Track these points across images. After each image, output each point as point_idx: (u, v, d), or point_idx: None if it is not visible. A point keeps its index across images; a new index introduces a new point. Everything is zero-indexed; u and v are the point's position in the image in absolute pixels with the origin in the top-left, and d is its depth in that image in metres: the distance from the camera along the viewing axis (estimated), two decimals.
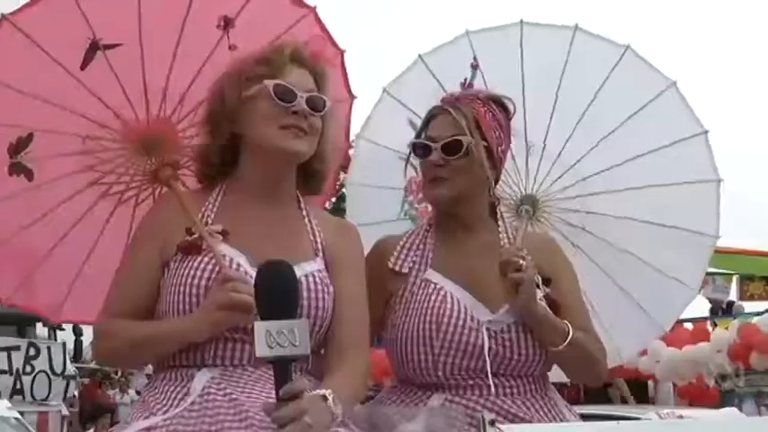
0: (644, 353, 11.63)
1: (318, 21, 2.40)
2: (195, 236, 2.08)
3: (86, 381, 18.23)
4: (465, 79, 2.59)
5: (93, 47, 2.26)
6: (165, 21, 2.27)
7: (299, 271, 1.98)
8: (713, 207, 2.78)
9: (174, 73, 2.31)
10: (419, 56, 2.76)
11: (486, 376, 2.23)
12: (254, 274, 1.98)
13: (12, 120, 2.29)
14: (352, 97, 2.54)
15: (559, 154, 2.65)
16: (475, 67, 2.67)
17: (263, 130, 2.11)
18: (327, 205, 2.80)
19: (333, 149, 2.25)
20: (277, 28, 2.27)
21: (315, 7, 2.39)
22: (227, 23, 2.30)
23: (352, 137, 2.69)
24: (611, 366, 2.65)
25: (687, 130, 2.75)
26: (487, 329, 2.25)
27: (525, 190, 2.64)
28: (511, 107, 2.45)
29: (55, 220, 2.38)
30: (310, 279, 2.05)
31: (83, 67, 2.27)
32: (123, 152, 2.39)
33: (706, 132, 2.76)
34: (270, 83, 2.10)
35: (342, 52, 2.47)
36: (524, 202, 2.61)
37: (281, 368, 1.74)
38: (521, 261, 2.22)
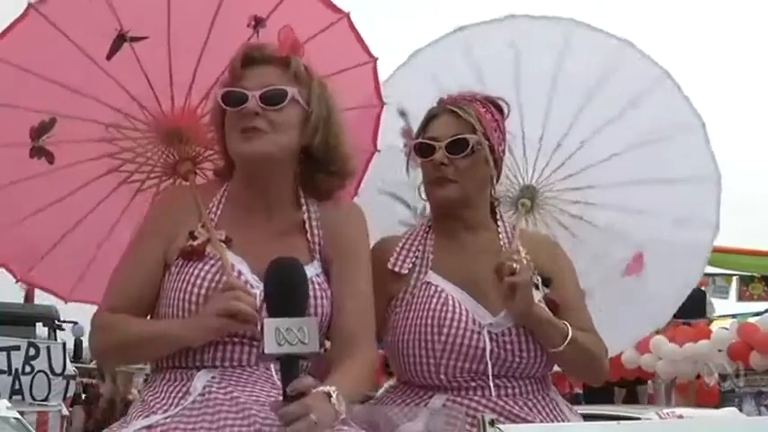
0: (646, 351, 11.68)
1: (352, 27, 2.38)
2: (199, 241, 2.07)
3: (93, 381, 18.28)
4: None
5: (120, 38, 2.27)
6: (194, 17, 2.28)
7: None
8: (713, 200, 2.77)
9: (201, 68, 2.32)
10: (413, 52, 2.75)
11: (488, 378, 2.23)
12: (254, 283, 1.99)
13: (35, 104, 2.32)
14: (382, 104, 2.50)
15: (558, 145, 2.65)
16: (403, 114, 2.64)
17: (228, 137, 2.12)
18: None
19: (344, 148, 2.17)
20: (307, 31, 2.24)
21: (348, 13, 2.37)
22: (257, 23, 2.30)
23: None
24: (620, 353, 2.64)
25: (684, 122, 2.74)
26: (489, 332, 2.25)
27: (524, 180, 2.64)
28: (505, 108, 2.45)
29: (73, 204, 2.41)
30: (309, 285, 2.03)
31: (108, 58, 2.29)
32: (145, 142, 2.41)
33: (703, 125, 2.76)
34: (218, 92, 2.12)
35: (374, 60, 2.44)
36: (523, 195, 2.61)
37: (289, 365, 1.74)
38: (514, 264, 2.21)
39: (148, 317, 2.12)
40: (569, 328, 2.27)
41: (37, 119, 2.33)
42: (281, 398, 1.75)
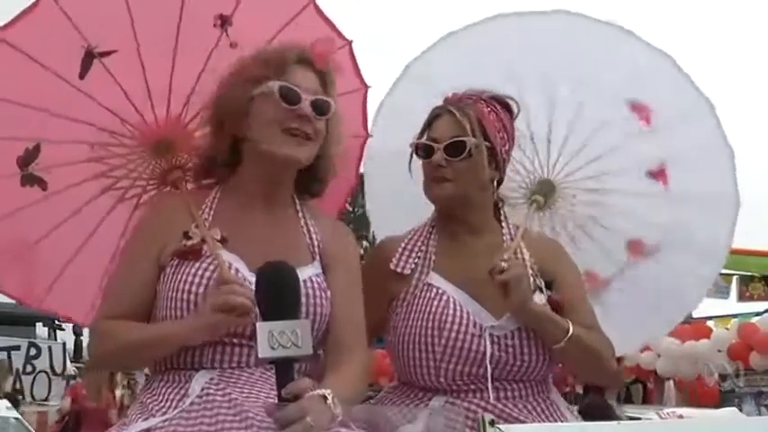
0: (645, 349, 11.68)
1: (319, 12, 2.35)
2: (194, 241, 2.07)
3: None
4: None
5: (89, 55, 2.24)
6: (158, 24, 2.25)
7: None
8: (729, 174, 2.68)
9: (177, 75, 2.29)
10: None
11: (487, 382, 2.22)
12: (252, 280, 1.97)
13: (16, 132, 2.29)
14: (366, 87, 2.48)
15: (566, 138, 2.59)
16: None
17: (267, 133, 2.08)
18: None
19: (336, 153, 2.21)
20: (277, 22, 2.23)
21: None
22: (223, 21, 2.28)
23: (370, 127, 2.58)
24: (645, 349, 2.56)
25: (691, 104, 2.67)
26: (490, 335, 2.24)
27: (542, 175, 2.58)
28: (515, 107, 2.43)
29: (75, 228, 2.38)
30: (308, 284, 2.04)
31: (81, 76, 2.26)
32: (135, 157, 2.39)
33: (712, 106, 2.67)
34: (275, 84, 2.07)
35: (349, 42, 2.41)
36: (541, 188, 2.56)
37: (283, 368, 1.74)
38: (503, 264, 2.20)
39: (146, 322, 2.11)
40: (570, 324, 2.25)
41: (21, 147, 2.30)
42: (276, 401, 1.75)
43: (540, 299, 2.28)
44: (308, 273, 2.06)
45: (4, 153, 2.30)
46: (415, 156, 2.42)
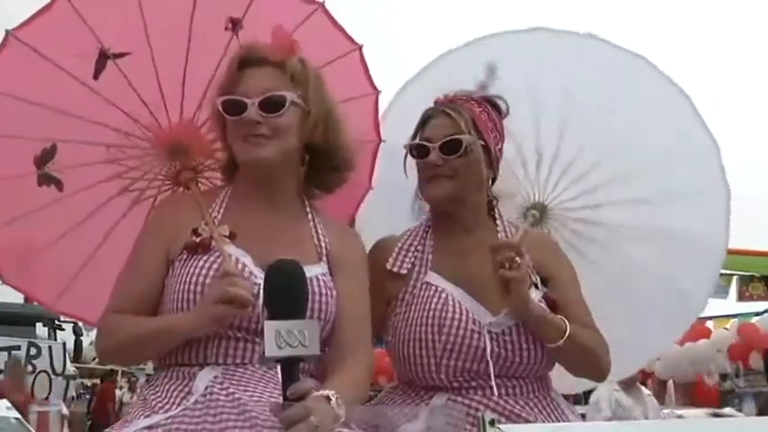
0: None
1: (329, 16, 2.37)
2: (203, 236, 2.09)
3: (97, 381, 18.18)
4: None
5: (103, 56, 2.27)
6: (170, 27, 2.27)
7: None
8: (718, 170, 2.68)
9: (189, 78, 2.31)
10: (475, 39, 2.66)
11: (489, 378, 2.23)
12: (258, 274, 2.00)
13: (33, 132, 2.31)
14: (377, 91, 2.48)
15: (570, 164, 2.60)
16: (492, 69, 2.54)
17: (232, 144, 2.15)
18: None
19: (344, 140, 2.21)
20: (286, 26, 2.24)
21: (323, 2, 2.35)
22: (234, 24, 2.30)
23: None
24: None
25: (675, 105, 2.66)
26: (489, 332, 2.25)
27: (535, 197, 2.61)
28: (504, 107, 2.45)
29: (90, 229, 2.39)
30: (314, 282, 2.06)
31: (95, 77, 2.28)
32: (150, 159, 2.41)
33: (716, 145, 2.67)
34: (218, 101, 2.13)
35: (359, 47, 2.42)
36: (533, 209, 2.59)
37: (289, 368, 1.74)
38: (517, 258, 2.21)
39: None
40: (567, 323, 2.27)
41: (38, 147, 2.32)
42: (281, 400, 1.75)
43: (535, 295, 2.30)
44: (314, 271, 2.08)
45: (21, 152, 2.31)
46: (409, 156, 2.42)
